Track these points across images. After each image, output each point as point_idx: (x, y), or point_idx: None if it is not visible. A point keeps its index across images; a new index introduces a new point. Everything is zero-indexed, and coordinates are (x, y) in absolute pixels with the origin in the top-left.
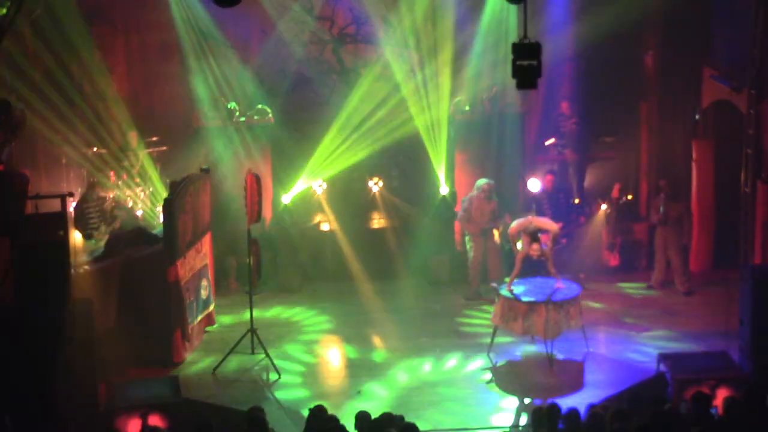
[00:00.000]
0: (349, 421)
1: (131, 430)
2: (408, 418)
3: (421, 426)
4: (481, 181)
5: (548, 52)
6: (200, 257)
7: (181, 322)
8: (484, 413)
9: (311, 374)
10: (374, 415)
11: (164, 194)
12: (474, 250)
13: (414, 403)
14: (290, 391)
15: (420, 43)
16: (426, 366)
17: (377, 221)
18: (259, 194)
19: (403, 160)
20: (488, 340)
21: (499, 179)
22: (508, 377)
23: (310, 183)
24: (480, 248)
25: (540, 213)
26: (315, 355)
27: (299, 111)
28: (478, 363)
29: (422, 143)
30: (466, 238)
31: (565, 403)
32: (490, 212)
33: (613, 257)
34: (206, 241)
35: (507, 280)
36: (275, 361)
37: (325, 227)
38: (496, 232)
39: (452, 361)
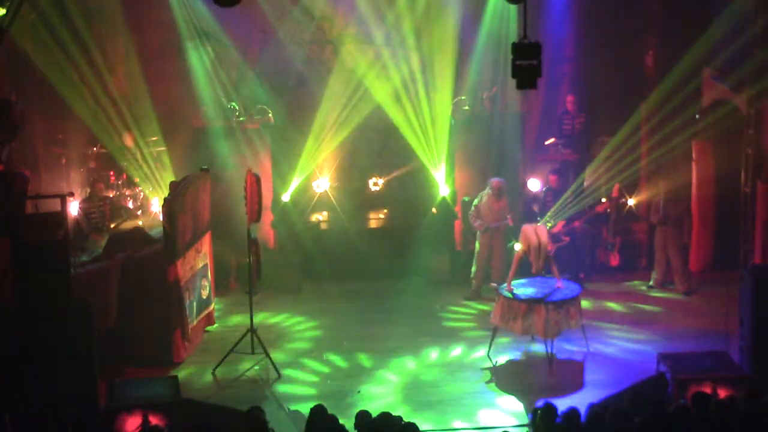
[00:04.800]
0: (349, 421)
1: (131, 430)
2: (407, 418)
3: (420, 426)
4: (492, 179)
5: (548, 52)
6: (200, 257)
7: (181, 322)
8: (484, 413)
9: (311, 374)
10: (373, 415)
11: (164, 194)
12: (480, 247)
13: (413, 402)
14: (290, 391)
15: (420, 43)
16: (425, 366)
17: (377, 221)
18: (259, 194)
19: (403, 162)
20: (487, 339)
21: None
22: (508, 377)
23: (308, 181)
24: (486, 245)
25: (543, 210)
26: (315, 355)
27: (299, 111)
28: (478, 363)
29: (422, 144)
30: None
31: (565, 403)
32: (498, 211)
33: (613, 257)
34: (206, 241)
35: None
36: (275, 361)
37: (324, 226)
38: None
39: (452, 361)
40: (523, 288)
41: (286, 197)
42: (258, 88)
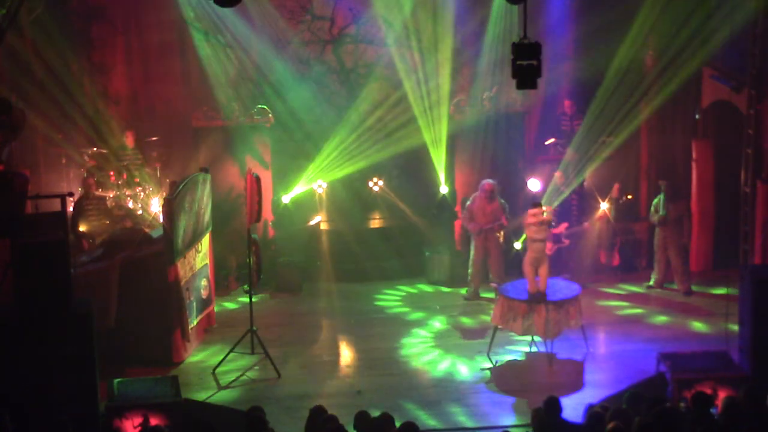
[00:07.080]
0: (349, 421)
1: (131, 430)
2: (406, 418)
3: (420, 426)
4: (484, 182)
5: (548, 52)
6: (200, 257)
7: (181, 322)
8: (483, 413)
9: (311, 374)
10: (373, 414)
11: (164, 194)
12: (475, 249)
13: (413, 402)
14: (290, 391)
15: (420, 43)
16: (424, 366)
17: (377, 221)
18: (259, 194)
19: (403, 161)
20: (486, 339)
21: (499, 179)
22: (508, 377)
23: (310, 183)
24: (481, 248)
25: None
26: (315, 354)
27: (299, 111)
28: (478, 363)
29: (423, 144)
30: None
31: (565, 403)
32: (491, 212)
33: (613, 257)
34: (206, 241)
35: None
36: (275, 361)
37: (324, 226)
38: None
39: (451, 361)
40: (522, 288)
41: (286, 198)
42: (259, 87)
